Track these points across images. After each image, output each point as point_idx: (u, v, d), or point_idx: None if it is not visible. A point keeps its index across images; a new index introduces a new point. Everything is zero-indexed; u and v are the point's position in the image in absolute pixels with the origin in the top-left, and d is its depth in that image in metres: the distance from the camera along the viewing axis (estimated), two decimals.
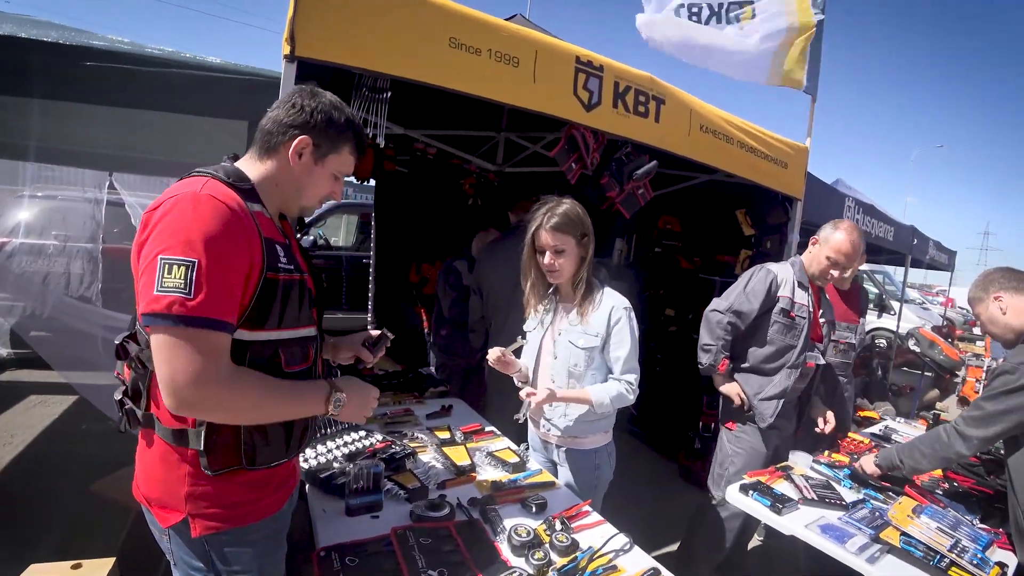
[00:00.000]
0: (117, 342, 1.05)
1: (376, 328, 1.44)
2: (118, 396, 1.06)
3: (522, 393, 1.61)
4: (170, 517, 0.99)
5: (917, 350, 3.98)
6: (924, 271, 6.26)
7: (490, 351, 1.69)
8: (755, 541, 2.97)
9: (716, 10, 3.41)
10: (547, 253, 1.64)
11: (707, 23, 3.39)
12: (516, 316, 1.92)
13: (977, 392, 5.87)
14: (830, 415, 2.31)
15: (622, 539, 1.37)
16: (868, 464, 1.97)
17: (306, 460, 1.60)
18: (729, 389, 2.27)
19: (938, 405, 5.31)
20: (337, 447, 1.71)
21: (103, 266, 3.84)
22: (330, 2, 1.57)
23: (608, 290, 1.73)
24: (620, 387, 1.65)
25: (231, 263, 0.91)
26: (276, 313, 1.01)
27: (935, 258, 5.29)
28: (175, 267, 0.85)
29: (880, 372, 4.59)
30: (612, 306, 1.67)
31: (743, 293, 2.23)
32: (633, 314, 1.71)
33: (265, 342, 1.00)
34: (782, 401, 2.18)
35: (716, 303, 2.28)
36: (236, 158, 1.11)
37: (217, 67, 1.72)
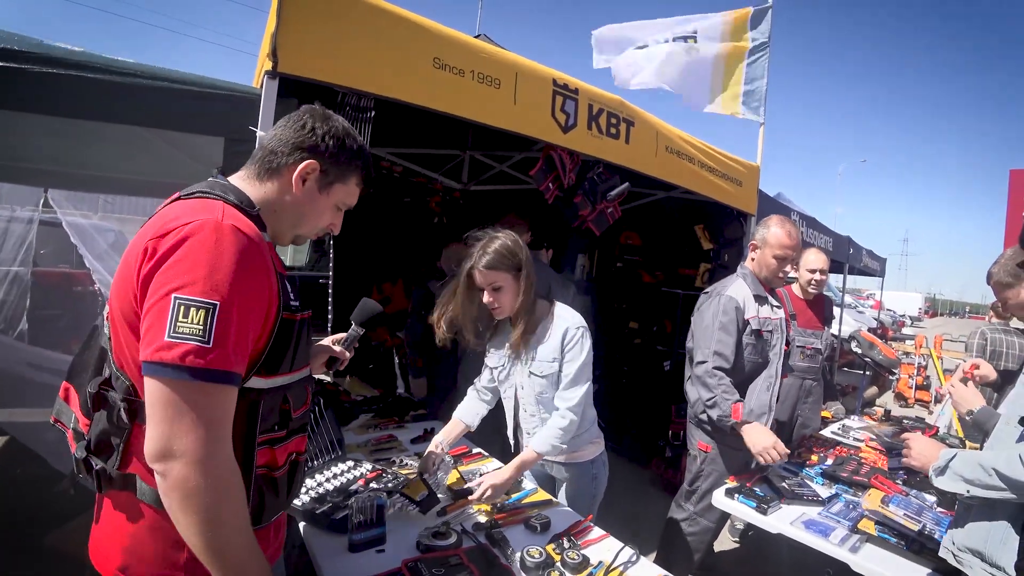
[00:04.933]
0: (92, 391, 0.89)
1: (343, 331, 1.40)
2: (81, 453, 0.89)
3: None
4: None
5: (859, 351, 4.31)
6: (854, 277, 6.82)
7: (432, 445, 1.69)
8: (730, 544, 3.07)
9: (666, 29, 3.63)
10: (485, 291, 1.61)
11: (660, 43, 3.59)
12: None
13: (910, 388, 6.44)
14: None
15: (628, 552, 1.39)
16: (965, 398, 1.70)
17: (297, 496, 1.51)
18: (758, 440, 1.95)
19: (877, 402, 5.76)
20: (327, 480, 1.63)
21: (33, 291, 3.50)
22: (314, 18, 1.56)
23: (561, 310, 1.70)
24: (559, 422, 1.63)
25: (252, 306, 0.82)
26: (290, 356, 0.92)
27: (868, 265, 5.79)
28: (193, 309, 0.74)
29: (828, 374, 4.92)
30: (566, 327, 1.65)
31: (717, 332, 2.09)
32: (587, 332, 1.69)
33: (277, 388, 0.92)
34: (771, 416, 2.17)
35: (697, 356, 2.14)
36: (224, 174, 1.00)
37: (190, 80, 1.65)
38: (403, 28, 1.71)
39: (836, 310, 4.62)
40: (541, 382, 1.68)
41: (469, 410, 1.86)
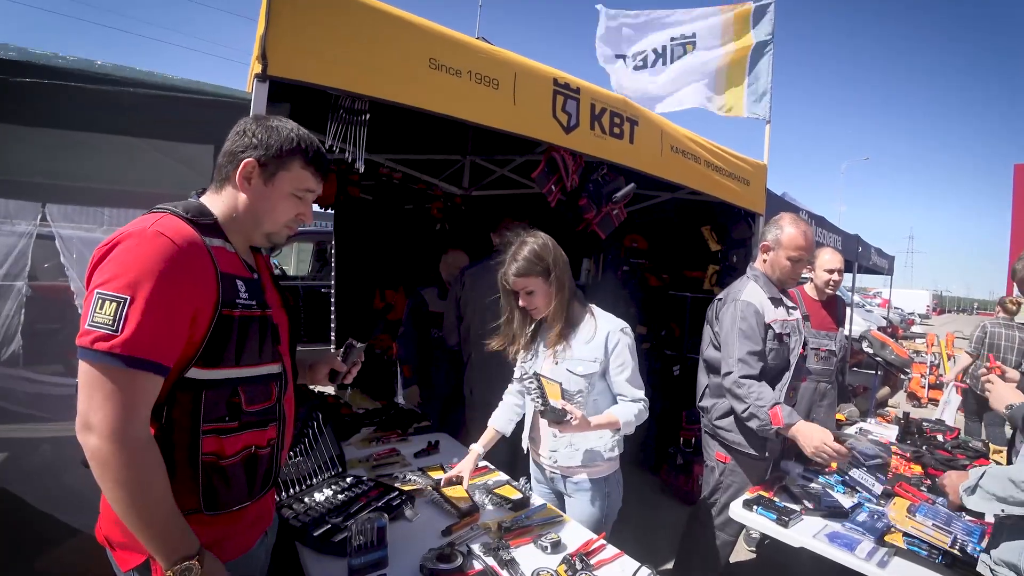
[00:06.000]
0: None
1: (342, 345, 1.41)
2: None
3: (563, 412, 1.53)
4: (130, 559, 0.94)
5: (870, 351, 4.21)
6: (861, 275, 6.74)
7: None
8: (746, 554, 2.98)
9: (661, 53, 3.63)
10: (519, 296, 1.65)
11: (652, 66, 3.61)
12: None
13: (923, 387, 6.32)
14: None
15: (645, 572, 1.31)
16: (1002, 394, 1.54)
17: (296, 517, 1.44)
18: (808, 440, 1.79)
19: (889, 402, 5.65)
20: (326, 499, 1.56)
21: (31, 305, 3.46)
22: (305, 19, 1.51)
23: (600, 313, 1.70)
24: (639, 406, 1.65)
25: (172, 302, 0.89)
26: (232, 351, 0.97)
27: (877, 264, 5.70)
28: (107, 303, 0.85)
29: (840, 376, 4.83)
30: (608, 331, 1.64)
31: (738, 339, 1.96)
32: (630, 333, 1.69)
33: (222, 381, 0.97)
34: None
35: (723, 367, 2.01)
36: (204, 192, 1.08)
37: (178, 86, 1.58)
38: (397, 28, 1.65)
39: (846, 310, 4.54)
40: (578, 381, 1.64)
41: (502, 416, 1.89)
